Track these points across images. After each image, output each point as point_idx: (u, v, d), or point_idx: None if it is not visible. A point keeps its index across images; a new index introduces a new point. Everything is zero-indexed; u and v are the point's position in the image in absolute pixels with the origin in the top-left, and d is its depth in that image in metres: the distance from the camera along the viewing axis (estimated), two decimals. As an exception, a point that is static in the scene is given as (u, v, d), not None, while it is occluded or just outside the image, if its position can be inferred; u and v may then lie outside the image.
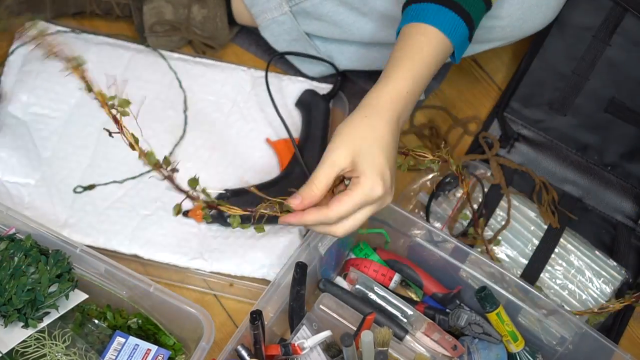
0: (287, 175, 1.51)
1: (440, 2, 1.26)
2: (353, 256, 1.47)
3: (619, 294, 1.51)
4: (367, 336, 1.24)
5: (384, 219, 1.45)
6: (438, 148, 1.61)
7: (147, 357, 1.31)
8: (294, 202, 1.21)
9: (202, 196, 1.24)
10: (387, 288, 1.43)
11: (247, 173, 1.53)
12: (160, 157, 1.21)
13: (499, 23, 1.43)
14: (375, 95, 1.24)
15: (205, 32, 1.61)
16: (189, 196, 1.22)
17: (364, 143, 1.21)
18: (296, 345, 1.30)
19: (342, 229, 1.22)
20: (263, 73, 1.59)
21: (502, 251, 1.51)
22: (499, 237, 1.51)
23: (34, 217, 1.36)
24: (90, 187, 1.51)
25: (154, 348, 1.32)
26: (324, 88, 1.61)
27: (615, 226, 1.57)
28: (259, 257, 1.47)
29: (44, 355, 1.27)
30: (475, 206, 1.53)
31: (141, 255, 1.47)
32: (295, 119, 1.58)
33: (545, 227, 1.52)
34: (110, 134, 1.20)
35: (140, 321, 1.35)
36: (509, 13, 1.42)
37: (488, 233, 1.52)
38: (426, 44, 1.26)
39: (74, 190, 1.50)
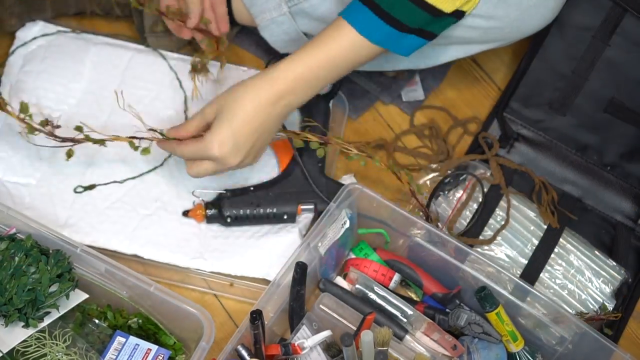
0: (286, 175, 1.51)
1: (366, 2, 1.30)
2: (353, 256, 1.48)
3: (618, 293, 1.51)
4: (367, 336, 1.24)
5: (384, 219, 1.45)
6: (438, 148, 1.62)
7: (147, 356, 1.31)
8: (168, 132, 1.40)
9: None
10: (387, 288, 1.43)
11: (247, 173, 1.53)
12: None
13: (497, 24, 1.43)
14: (267, 70, 1.34)
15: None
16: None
17: (226, 106, 1.34)
18: (296, 345, 1.31)
19: (190, 169, 1.39)
20: (263, 73, 1.59)
21: (501, 251, 1.51)
22: (499, 237, 1.51)
23: (35, 217, 1.37)
24: (91, 187, 1.51)
25: (154, 348, 1.32)
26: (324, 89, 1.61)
27: (615, 226, 1.57)
28: (259, 257, 1.48)
29: (45, 354, 1.28)
30: (475, 205, 1.53)
31: (141, 255, 1.47)
32: (295, 119, 1.58)
33: (545, 227, 1.52)
34: None
35: (140, 321, 1.35)
36: (506, 14, 1.42)
37: (488, 233, 1.52)
38: (336, 39, 1.33)
39: (75, 190, 1.50)
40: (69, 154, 1.42)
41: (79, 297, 1.32)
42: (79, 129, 1.40)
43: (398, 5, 1.29)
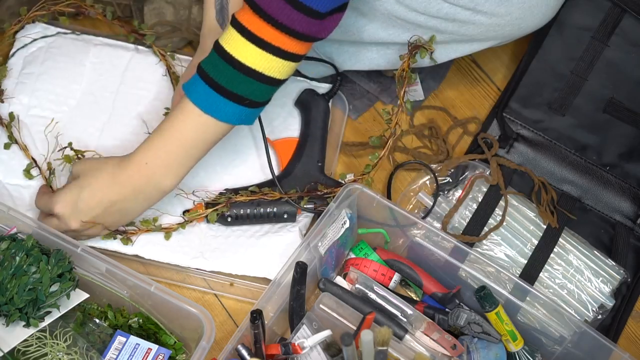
0: (287, 174, 1.52)
1: (208, 81, 1.29)
2: (353, 256, 1.48)
3: (617, 293, 1.51)
4: (367, 335, 1.24)
5: (383, 220, 1.45)
6: (438, 148, 1.62)
7: (147, 356, 1.31)
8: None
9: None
10: (387, 287, 1.44)
11: (247, 173, 1.54)
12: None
13: (498, 21, 1.43)
14: (129, 155, 1.36)
15: (206, 33, 1.62)
16: None
17: (87, 172, 1.37)
18: (296, 344, 1.31)
19: (41, 217, 1.41)
20: (263, 73, 1.59)
21: (501, 251, 1.51)
22: (498, 237, 1.51)
23: (36, 219, 1.37)
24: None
25: (154, 347, 1.32)
26: (323, 88, 1.61)
27: (614, 226, 1.57)
28: (260, 256, 1.48)
29: (46, 354, 1.28)
30: (475, 205, 1.53)
31: (142, 255, 1.47)
32: (294, 118, 1.59)
33: (544, 226, 1.52)
34: None
35: (141, 320, 1.36)
36: (509, 12, 1.42)
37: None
38: (183, 122, 1.32)
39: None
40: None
41: (79, 296, 1.33)
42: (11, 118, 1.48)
43: (243, 85, 1.28)
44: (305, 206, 1.48)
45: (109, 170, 1.36)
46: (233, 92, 1.29)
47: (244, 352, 1.29)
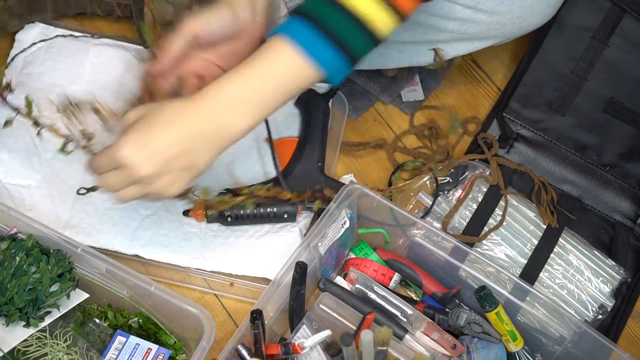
0: (286, 174, 1.51)
1: (310, 18, 1.19)
2: (353, 256, 1.48)
3: (617, 293, 1.51)
4: (367, 335, 1.24)
5: (383, 220, 1.45)
6: (438, 148, 1.62)
7: (147, 356, 1.32)
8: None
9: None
10: (386, 288, 1.44)
11: (247, 173, 1.54)
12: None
13: (499, 20, 1.43)
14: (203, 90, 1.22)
15: (206, 33, 1.61)
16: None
17: (149, 113, 1.21)
18: (296, 344, 1.31)
19: (102, 179, 1.24)
20: (263, 73, 1.59)
21: (501, 251, 1.51)
22: (498, 237, 1.51)
23: (36, 219, 1.37)
24: (94, 188, 1.50)
25: (154, 347, 1.32)
26: (323, 88, 1.61)
27: (614, 226, 1.57)
28: (260, 256, 1.48)
29: (46, 354, 1.28)
30: (475, 205, 1.53)
31: (142, 256, 1.47)
32: (294, 118, 1.59)
33: (544, 226, 1.52)
34: None
35: (141, 320, 1.36)
36: (509, 10, 1.42)
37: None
38: (271, 64, 1.21)
39: (78, 192, 1.50)
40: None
41: (79, 296, 1.33)
42: (29, 104, 1.35)
43: (348, 31, 1.20)
44: (305, 205, 1.48)
45: (179, 104, 1.21)
46: (337, 35, 1.19)
47: (244, 352, 1.29)
